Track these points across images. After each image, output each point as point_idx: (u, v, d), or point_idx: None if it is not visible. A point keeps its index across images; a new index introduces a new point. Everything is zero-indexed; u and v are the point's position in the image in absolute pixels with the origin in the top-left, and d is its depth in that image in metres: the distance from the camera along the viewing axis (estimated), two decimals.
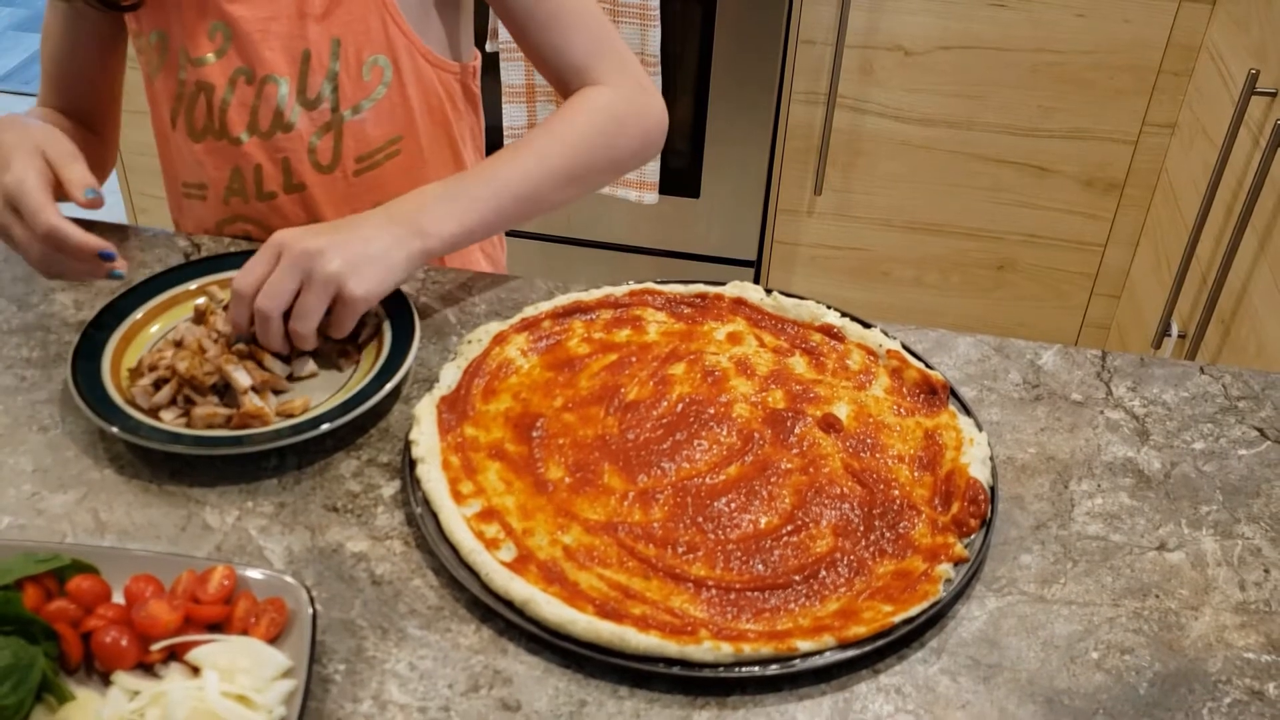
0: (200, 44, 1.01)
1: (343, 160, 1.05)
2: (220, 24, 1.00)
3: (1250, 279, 1.53)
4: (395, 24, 1.01)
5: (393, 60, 1.02)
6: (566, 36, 0.99)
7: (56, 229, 0.85)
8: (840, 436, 0.84)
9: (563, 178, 0.95)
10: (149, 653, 0.67)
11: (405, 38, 1.02)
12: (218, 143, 1.05)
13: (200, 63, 1.02)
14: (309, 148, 1.04)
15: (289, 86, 1.01)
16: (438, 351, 0.93)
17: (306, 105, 1.02)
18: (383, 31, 1.01)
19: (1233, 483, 0.83)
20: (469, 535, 0.74)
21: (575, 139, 0.96)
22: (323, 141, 1.03)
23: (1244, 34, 1.63)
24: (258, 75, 1.01)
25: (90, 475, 0.82)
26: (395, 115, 1.05)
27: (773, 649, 0.68)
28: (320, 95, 1.01)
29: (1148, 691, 0.69)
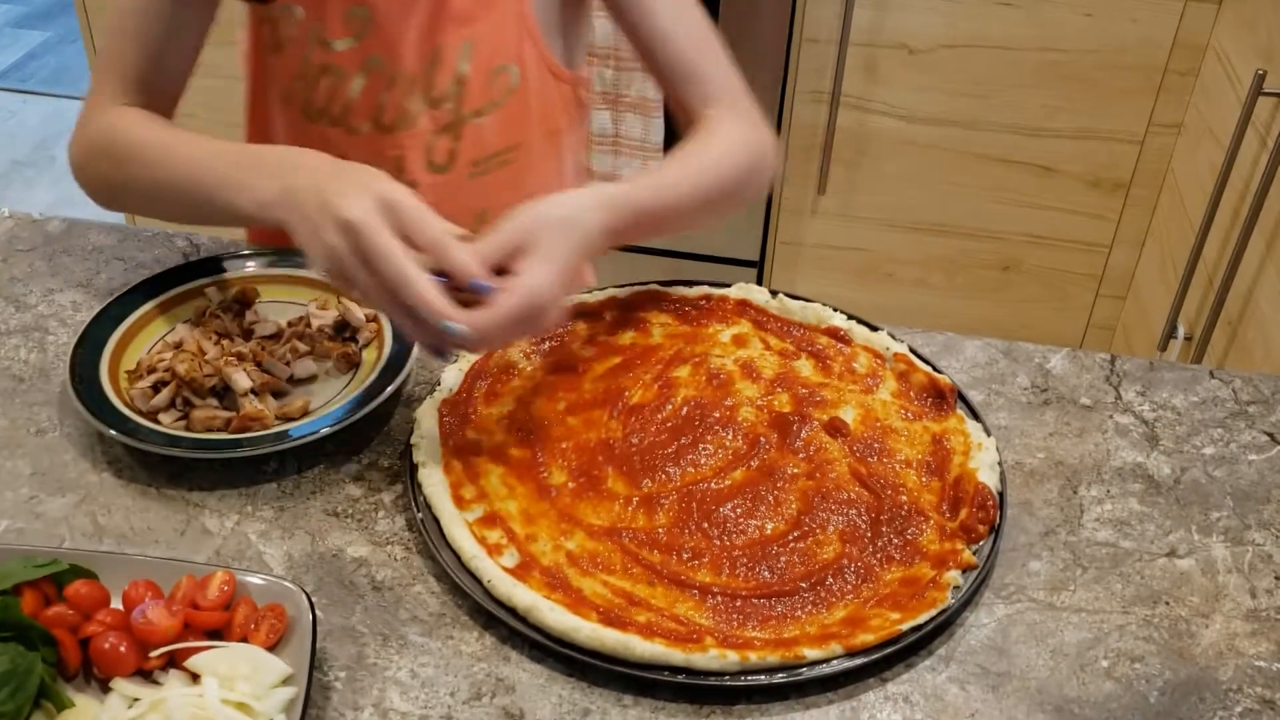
0: (337, 27, 0.98)
1: (458, 162, 1.03)
2: (362, 10, 0.97)
3: (1257, 281, 1.52)
4: (530, 37, 1.00)
5: (521, 70, 1.01)
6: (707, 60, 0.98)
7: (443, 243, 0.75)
8: (847, 441, 0.83)
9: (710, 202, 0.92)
10: (148, 659, 0.66)
11: (536, 49, 1.01)
12: (331, 129, 1.01)
13: (335, 46, 0.98)
14: (426, 146, 1.02)
15: (418, 84, 0.99)
16: None
17: (431, 103, 1.00)
18: (516, 42, 1.00)
19: (1243, 488, 0.82)
20: (471, 541, 0.73)
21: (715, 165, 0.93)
22: (441, 141, 1.02)
23: (1251, 34, 1.62)
24: (390, 67, 0.99)
25: (88, 478, 0.81)
26: (515, 123, 1.03)
27: (779, 657, 0.67)
28: (445, 95, 1.00)
29: (1158, 700, 0.68)
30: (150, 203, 0.95)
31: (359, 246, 0.72)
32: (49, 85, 3.36)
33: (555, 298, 0.77)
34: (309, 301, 0.94)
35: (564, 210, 0.79)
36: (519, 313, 0.74)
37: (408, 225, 0.74)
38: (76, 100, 3.27)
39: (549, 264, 0.76)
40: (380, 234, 0.72)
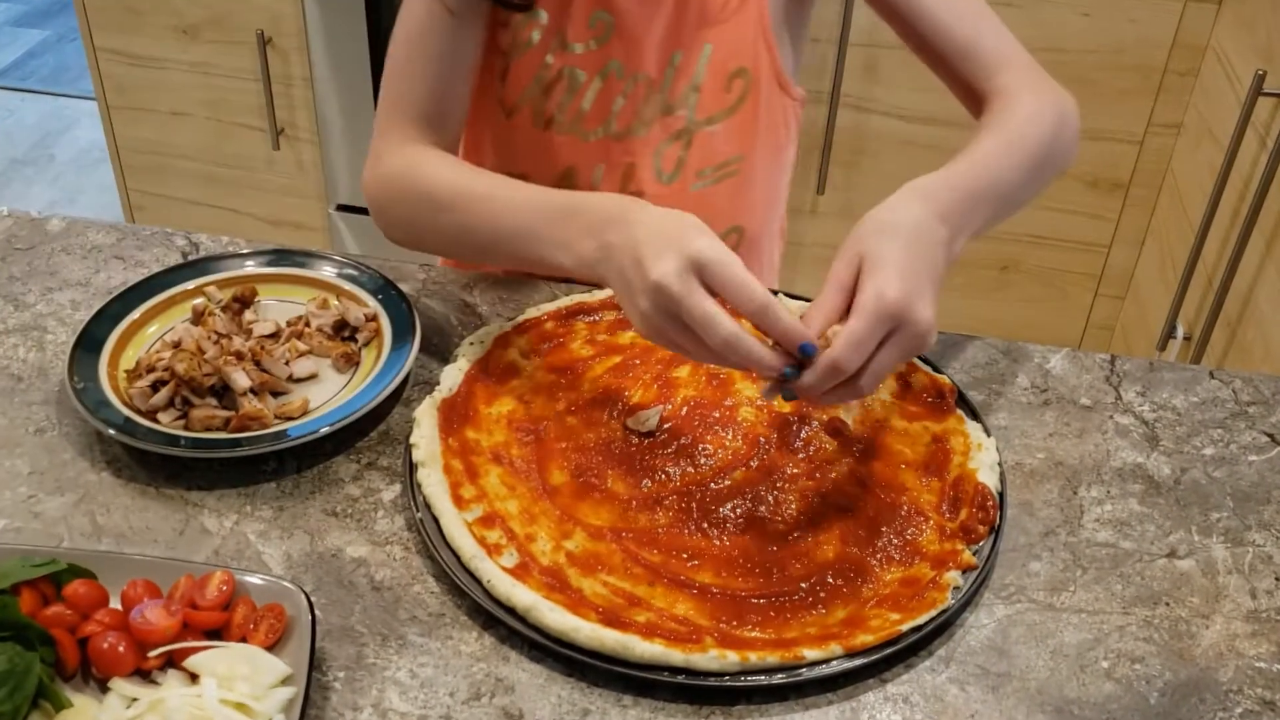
0: (580, 30, 0.96)
1: (685, 171, 1.00)
2: (604, 13, 0.96)
3: (1256, 281, 1.52)
4: (765, 40, 0.98)
5: (755, 76, 0.99)
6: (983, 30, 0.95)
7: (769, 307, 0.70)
8: (847, 441, 0.83)
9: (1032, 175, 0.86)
10: (146, 659, 0.66)
11: (770, 54, 0.99)
12: (562, 136, 1.00)
13: (574, 50, 0.96)
14: (656, 153, 0.99)
15: (655, 88, 0.97)
16: (439, 354, 0.92)
17: (665, 109, 0.98)
18: (753, 46, 0.98)
19: (1243, 489, 0.82)
20: (470, 541, 0.73)
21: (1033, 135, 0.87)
22: (671, 149, 0.99)
23: (1250, 34, 1.62)
24: (627, 71, 0.97)
25: (87, 478, 0.81)
26: (743, 133, 1.01)
27: (779, 658, 0.67)
28: (680, 100, 0.98)
29: (1158, 701, 0.68)
30: (459, 248, 0.94)
31: (670, 310, 0.70)
32: (48, 84, 3.36)
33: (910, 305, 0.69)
34: (308, 301, 0.94)
35: (882, 216, 0.74)
36: (868, 331, 0.68)
37: (723, 287, 0.70)
38: (75, 99, 3.27)
39: (887, 269, 0.70)
40: (690, 298, 0.69)
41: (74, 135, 3.13)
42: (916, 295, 0.70)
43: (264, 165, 2.13)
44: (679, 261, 0.70)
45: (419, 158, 0.93)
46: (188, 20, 2.00)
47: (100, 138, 2.30)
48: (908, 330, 0.70)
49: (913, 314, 0.70)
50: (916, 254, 0.72)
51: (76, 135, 3.13)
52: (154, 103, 2.11)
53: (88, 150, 3.04)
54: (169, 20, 2.01)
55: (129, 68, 2.09)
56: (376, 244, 2.40)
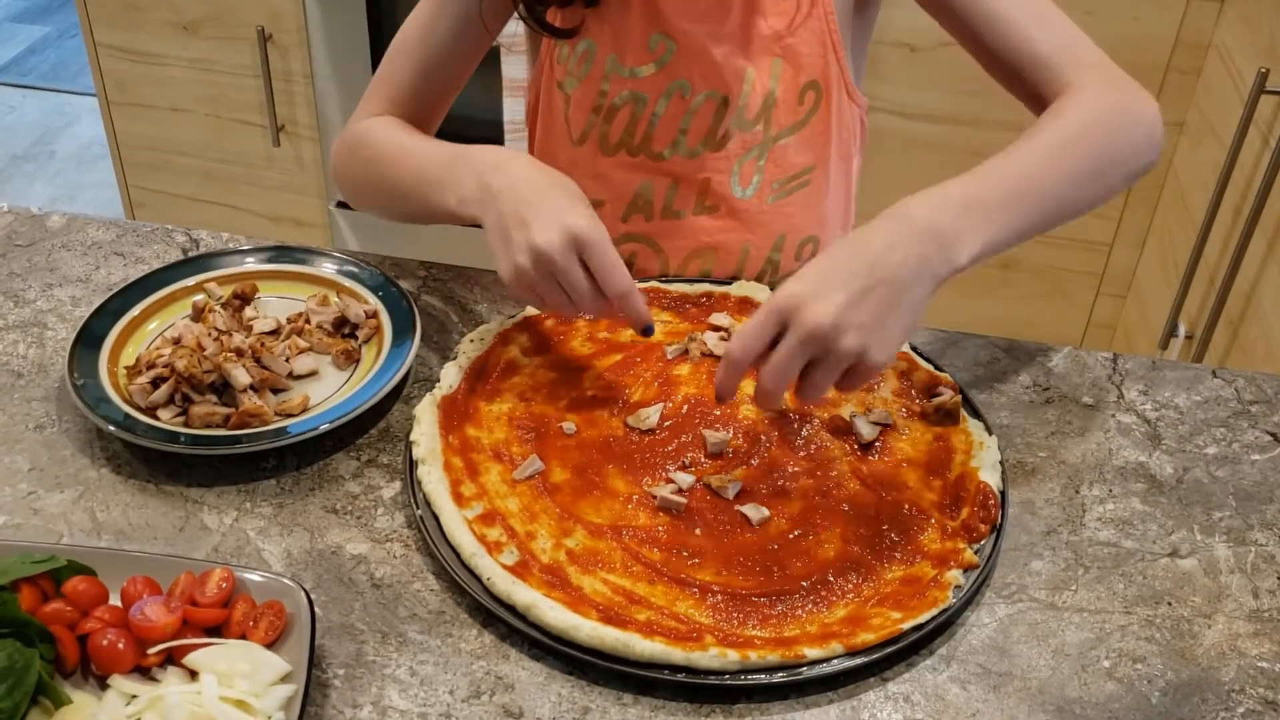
0: (640, 55, 0.98)
1: (763, 185, 1.01)
2: (663, 36, 0.97)
3: (1259, 280, 1.51)
4: (834, 52, 0.98)
5: (825, 87, 0.99)
6: (1048, 30, 0.90)
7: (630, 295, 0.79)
8: (848, 439, 0.82)
9: (1086, 177, 0.83)
10: (146, 656, 0.66)
11: (839, 66, 0.99)
12: (633, 158, 1.01)
13: (635, 74, 0.98)
14: (734, 168, 1.00)
15: (730, 105, 0.98)
16: (439, 351, 0.92)
17: (742, 126, 0.99)
18: (822, 58, 0.98)
19: (1245, 488, 0.82)
20: (471, 538, 0.73)
21: (1084, 135, 0.83)
22: (748, 164, 1.00)
23: (1253, 32, 1.62)
24: (696, 90, 0.98)
25: (87, 474, 0.80)
26: (815, 143, 1.02)
27: (779, 656, 0.67)
28: (757, 116, 0.99)
29: (1160, 701, 0.68)
30: (388, 203, 0.98)
31: (548, 273, 0.78)
32: (49, 80, 3.36)
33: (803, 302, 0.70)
34: (308, 298, 0.94)
35: (850, 237, 0.75)
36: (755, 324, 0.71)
37: (597, 268, 0.78)
38: (76, 95, 3.27)
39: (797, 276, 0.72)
40: (571, 272, 0.78)
41: (74, 131, 3.13)
42: (816, 295, 0.70)
43: (264, 162, 2.12)
44: (563, 234, 0.77)
45: (374, 123, 0.98)
46: (188, 16, 1.99)
47: (101, 134, 2.30)
48: (800, 326, 0.70)
49: (804, 310, 0.70)
50: (844, 263, 0.73)
51: (77, 131, 3.12)
52: (154, 99, 2.11)
53: (88, 146, 3.04)
54: (169, 16, 2.01)
55: (129, 64, 2.09)
56: (377, 241, 2.40)
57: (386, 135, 0.96)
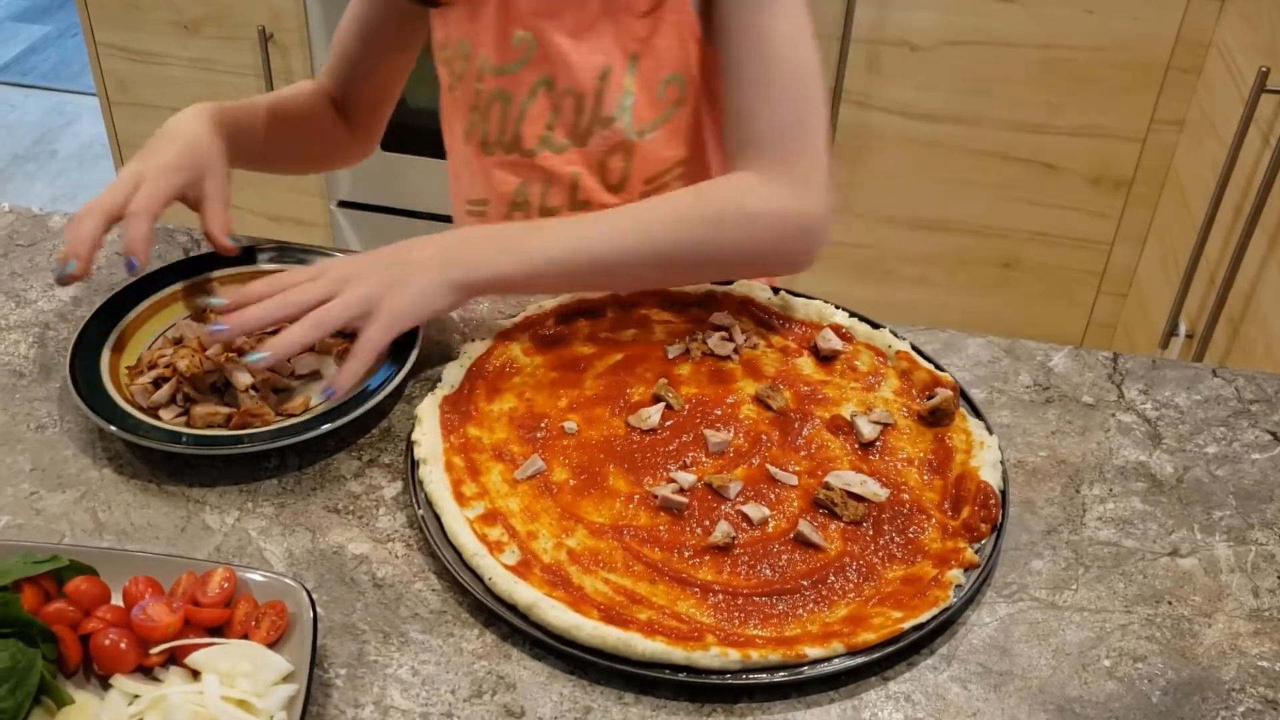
0: (504, 52, 0.99)
1: (631, 180, 1.01)
2: (526, 34, 0.98)
3: (1259, 279, 1.51)
4: (696, 41, 0.97)
5: (688, 79, 0.98)
6: (758, 100, 0.89)
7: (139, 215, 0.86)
8: (849, 439, 0.82)
9: (650, 258, 0.87)
10: (148, 656, 0.66)
11: (702, 55, 0.98)
12: (508, 155, 1.02)
13: (501, 71, 0.99)
14: (600, 165, 1.01)
15: (587, 102, 0.98)
16: (441, 350, 0.92)
17: (601, 123, 0.99)
18: (682, 49, 0.97)
19: (1246, 487, 0.82)
20: (472, 538, 0.73)
21: (681, 222, 0.87)
22: (613, 160, 1.00)
23: (1254, 31, 1.62)
24: (558, 86, 0.99)
25: (89, 474, 0.81)
26: (685, 136, 1.01)
27: (781, 655, 0.67)
28: (616, 113, 0.98)
29: (1160, 700, 0.68)
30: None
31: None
32: (50, 79, 3.36)
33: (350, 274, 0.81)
34: None
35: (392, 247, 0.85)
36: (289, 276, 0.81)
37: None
38: (77, 94, 3.27)
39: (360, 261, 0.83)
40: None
41: (75, 131, 3.13)
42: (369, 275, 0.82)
43: None
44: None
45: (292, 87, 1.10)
46: (189, 16, 1.99)
47: (102, 133, 2.30)
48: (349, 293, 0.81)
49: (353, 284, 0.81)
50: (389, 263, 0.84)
51: (78, 131, 3.13)
52: (155, 98, 2.11)
53: (89, 146, 3.04)
54: (170, 16, 2.01)
55: (130, 63, 2.09)
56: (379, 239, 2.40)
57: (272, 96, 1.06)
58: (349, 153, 1.16)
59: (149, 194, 0.86)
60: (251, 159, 1.03)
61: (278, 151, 1.08)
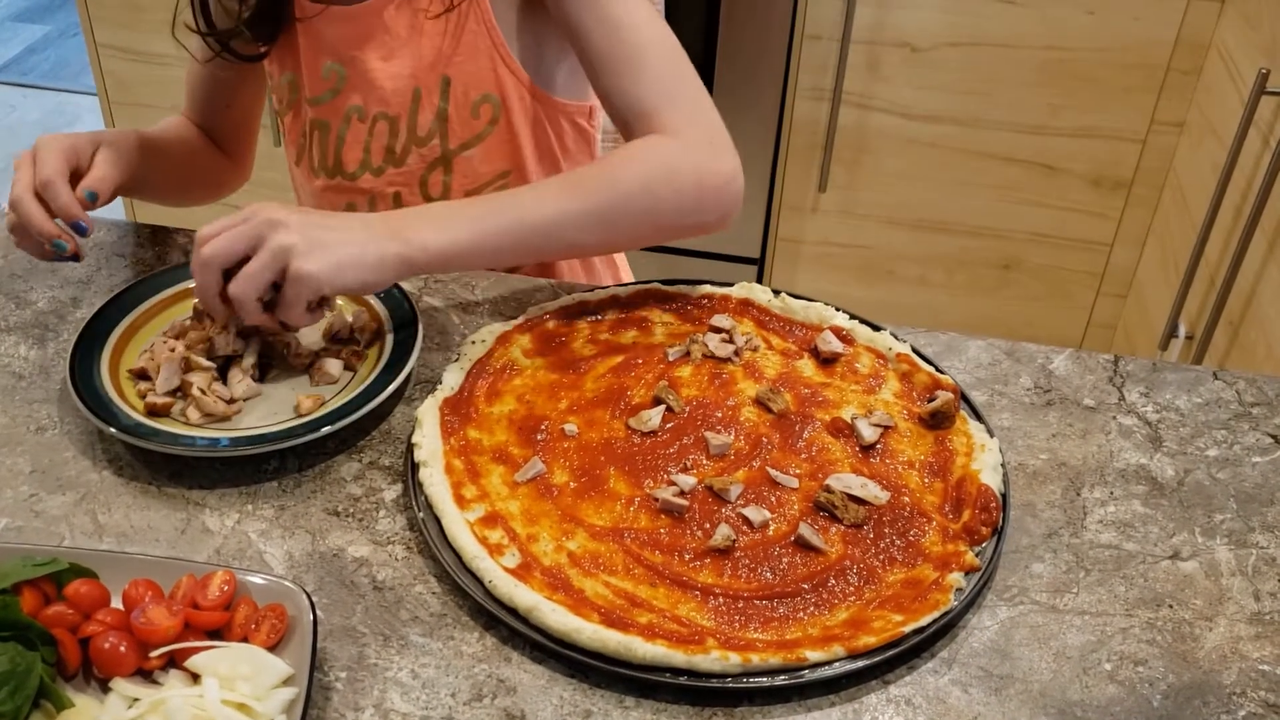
0: (316, 83, 1.03)
1: (451, 194, 1.05)
2: (335, 64, 1.02)
3: (1259, 281, 1.51)
4: (505, 63, 1.00)
5: (501, 99, 1.02)
6: (637, 79, 0.91)
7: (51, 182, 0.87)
8: (849, 441, 0.82)
9: (586, 219, 0.87)
10: (148, 659, 0.66)
11: (514, 76, 1.01)
12: (332, 180, 1.07)
13: (318, 101, 1.04)
14: (420, 182, 1.04)
15: (401, 124, 1.02)
16: (441, 352, 0.92)
17: (417, 143, 1.03)
18: (492, 71, 1.01)
19: (1247, 490, 0.82)
20: (472, 541, 0.73)
21: (609, 181, 0.87)
22: (433, 176, 1.04)
23: (1254, 32, 1.62)
24: (370, 113, 1.02)
25: (88, 477, 0.80)
26: (504, 151, 1.04)
27: (781, 659, 0.67)
28: (430, 132, 1.02)
29: (1161, 704, 0.68)
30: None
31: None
32: (49, 79, 3.36)
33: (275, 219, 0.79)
34: None
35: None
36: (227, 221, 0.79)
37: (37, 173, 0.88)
38: (76, 94, 3.27)
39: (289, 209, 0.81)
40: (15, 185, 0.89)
41: (76, 131, 3.13)
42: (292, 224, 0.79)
43: (265, 161, 2.11)
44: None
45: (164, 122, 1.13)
46: (188, 16, 1.99)
47: None
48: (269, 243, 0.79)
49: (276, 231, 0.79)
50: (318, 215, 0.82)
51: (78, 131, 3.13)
52: (155, 98, 2.11)
53: None
54: (169, 16, 2.01)
55: (130, 63, 2.09)
56: None
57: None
58: (228, 177, 1.19)
59: (45, 160, 0.88)
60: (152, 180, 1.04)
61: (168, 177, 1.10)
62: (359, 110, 1.03)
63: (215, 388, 0.84)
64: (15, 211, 0.88)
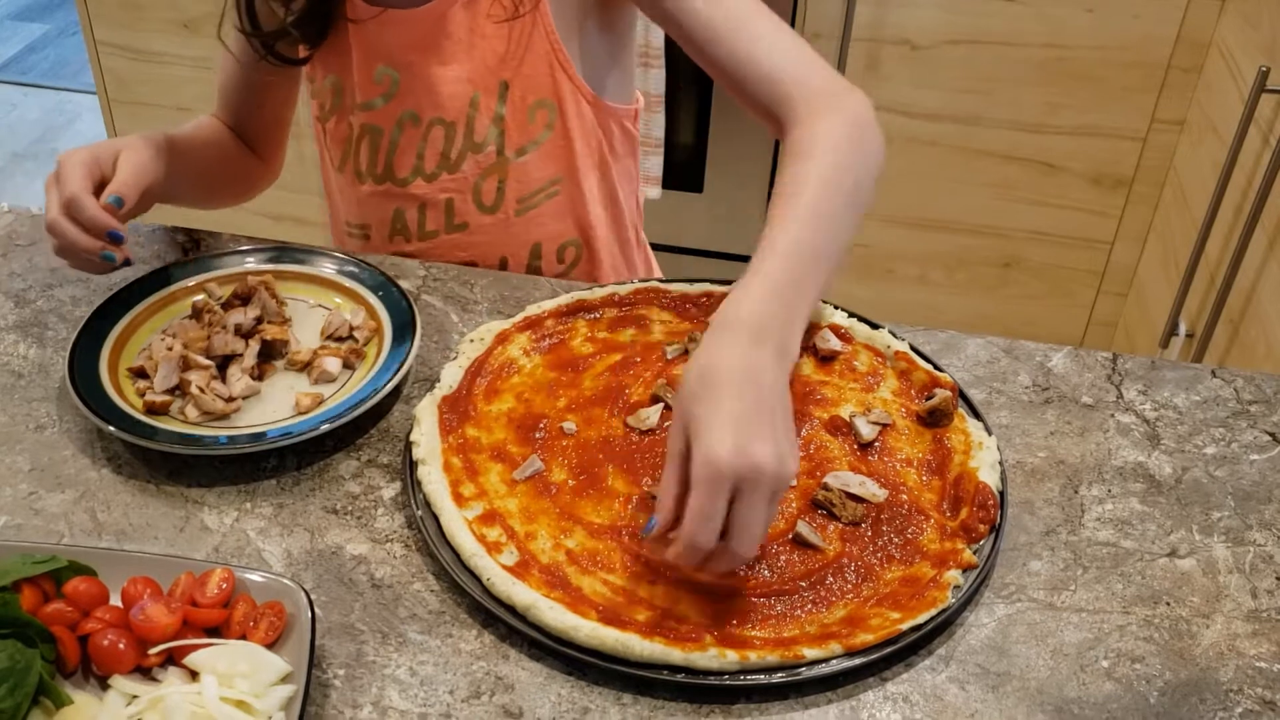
0: (368, 88, 1.02)
1: (505, 201, 1.05)
2: (387, 69, 1.01)
3: (1259, 279, 1.51)
4: (563, 69, 1.01)
5: (558, 104, 1.02)
6: (754, 41, 0.89)
7: (76, 198, 0.85)
8: (847, 439, 0.82)
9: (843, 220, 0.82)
10: (147, 656, 0.66)
11: (572, 83, 1.02)
12: (380, 186, 1.06)
13: (368, 107, 1.03)
14: (474, 189, 1.04)
15: (458, 130, 1.01)
16: (439, 350, 0.92)
17: (473, 148, 1.02)
18: (550, 77, 1.01)
19: (1244, 488, 0.82)
20: (470, 539, 0.73)
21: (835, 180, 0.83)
22: (487, 183, 1.04)
23: (1254, 30, 1.62)
24: (424, 119, 1.02)
25: (87, 475, 0.81)
26: (557, 157, 1.04)
27: (779, 657, 0.67)
28: (486, 138, 1.02)
29: (1158, 701, 0.68)
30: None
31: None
32: (49, 78, 3.36)
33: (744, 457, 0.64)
34: (310, 299, 0.94)
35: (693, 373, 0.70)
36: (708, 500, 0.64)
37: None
38: (76, 93, 3.27)
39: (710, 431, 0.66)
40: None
41: (75, 130, 3.13)
42: (748, 442, 0.65)
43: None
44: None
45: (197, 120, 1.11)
46: (188, 14, 1.99)
47: (102, 132, 2.30)
48: (756, 479, 0.65)
49: (753, 463, 0.65)
50: (735, 398, 0.67)
51: (78, 130, 3.13)
52: (155, 97, 2.11)
53: None
54: (169, 14, 2.01)
55: (130, 62, 2.09)
56: None
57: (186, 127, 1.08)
58: (259, 177, 1.17)
59: (68, 177, 0.86)
60: (180, 183, 1.01)
61: (198, 177, 1.07)
62: (413, 115, 1.02)
63: (214, 386, 0.84)
64: (53, 235, 0.87)
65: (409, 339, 0.88)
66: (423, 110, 1.01)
